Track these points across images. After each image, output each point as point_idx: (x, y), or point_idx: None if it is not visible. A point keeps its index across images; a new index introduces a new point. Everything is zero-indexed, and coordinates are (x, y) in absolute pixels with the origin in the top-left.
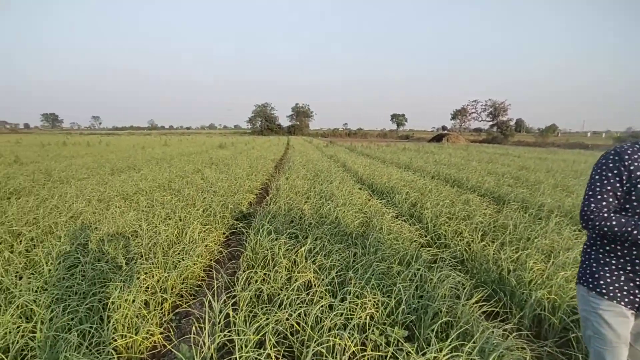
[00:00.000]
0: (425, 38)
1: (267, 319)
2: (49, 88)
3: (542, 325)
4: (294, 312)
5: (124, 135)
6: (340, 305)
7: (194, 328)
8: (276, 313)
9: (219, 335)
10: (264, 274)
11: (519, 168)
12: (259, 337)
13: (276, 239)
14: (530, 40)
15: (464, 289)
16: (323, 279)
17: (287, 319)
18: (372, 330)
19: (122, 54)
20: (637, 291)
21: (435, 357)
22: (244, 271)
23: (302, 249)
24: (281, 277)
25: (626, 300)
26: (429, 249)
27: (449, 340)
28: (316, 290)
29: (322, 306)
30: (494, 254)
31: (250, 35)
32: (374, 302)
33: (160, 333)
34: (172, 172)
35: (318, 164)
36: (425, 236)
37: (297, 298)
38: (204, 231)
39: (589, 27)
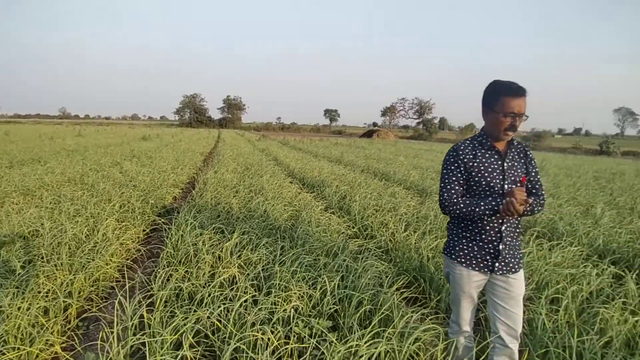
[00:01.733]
0: (361, 35)
1: (186, 318)
2: None
3: None
4: (216, 310)
5: (28, 123)
6: (265, 299)
7: (102, 334)
8: (196, 311)
9: (132, 338)
10: (186, 271)
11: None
12: (176, 337)
13: (201, 234)
14: (451, 43)
15: (387, 277)
16: (248, 274)
17: (208, 317)
18: (296, 323)
19: (27, 32)
20: (487, 257)
21: (357, 345)
22: (163, 269)
23: (228, 243)
24: (204, 273)
25: (481, 265)
26: (356, 240)
27: (370, 327)
28: (240, 286)
29: (245, 301)
30: (415, 243)
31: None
32: (300, 294)
33: (63, 342)
34: (85, 165)
35: (249, 158)
36: (353, 228)
37: (221, 295)
38: (120, 228)
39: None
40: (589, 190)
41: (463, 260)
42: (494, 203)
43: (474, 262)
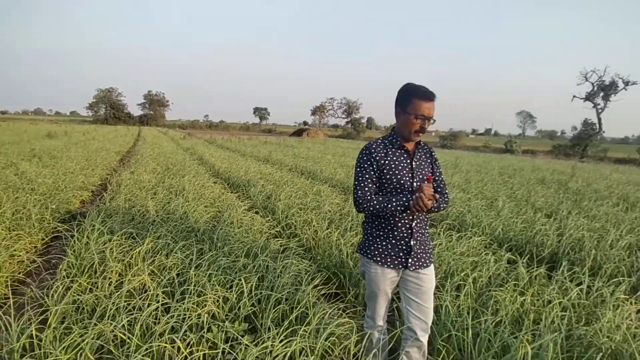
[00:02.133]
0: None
1: (85, 333)
2: None
3: None
4: (121, 322)
5: None
6: (178, 306)
7: None
8: (96, 325)
9: None
10: (89, 282)
11: None
12: (71, 354)
13: (110, 240)
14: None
15: (307, 274)
16: (161, 280)
17: (112, 331)
18: (210, 328)
19: None
20: (401, 254)
21: (272, 345)
22: (62, 281)
23: (139, 249)
24: (110, 283)
25: (395, 262)
26: (279, 239)
27: (283, 326)
28: (151, 294)
29: (156, 310)
30: (337, 240)
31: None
32: (216, 298)
33: None
34: None
35: (171, 157)
36: (277, 227)
37: (128, 305)
38: (10, 238)
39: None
40: (494, 185)
41: (378, 258)
42: (404, 199)
43: (389, 259)
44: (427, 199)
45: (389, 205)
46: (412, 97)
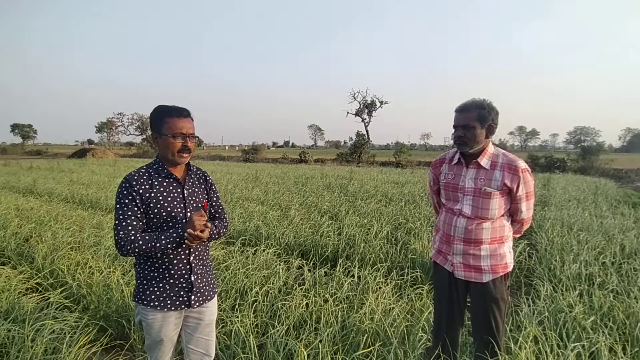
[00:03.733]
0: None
1: None
2: None
3: None
4: None
5: None
6: None
7: None
8: None
9: None
10: None
11: None
12: None
13: None
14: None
15: (73, 331)
16: None
17: None
18: None
19: None
20: (182, 292)
21: None
22: None
23: None
24: None
25: (177, 303)
26: (36, 294)
27: None
28: None
29: None
30: (117, 280)
31: None
32: None
33: None
34: None
35: None
36: (36, 277)
37: None
38: None
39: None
40: (289, 194)
41: (157, 303)
42: (175, 234)
43: (169, 302)
44: (199, 230)
45: (158, 244)
46: (164, 117)
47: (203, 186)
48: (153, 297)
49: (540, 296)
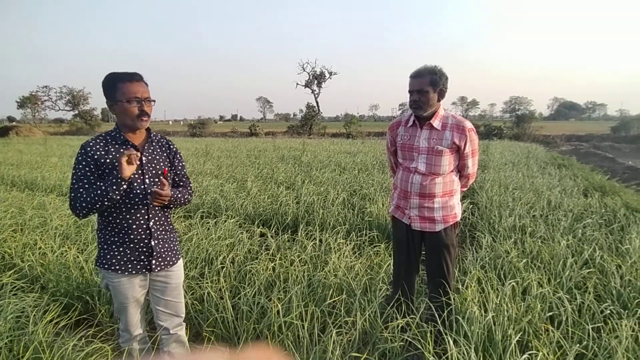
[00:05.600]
0: None
1: None
2: None
3: None
4: None
5: None
6: None
7: None
8: None
9: None
10: None
11: None
12: None
13: None
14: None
15: (36, 309)
16: None
17: None
18: None
19: None
20: (142, 257)
21: None
22: None
23: None
24: None
25: (138, 267)
26: None
27: None
28: None
29: None
30: (75, 258)
31: None
32: None
33: None
34: None
35: None
36: None
37: None
38: None
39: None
40: (244, 167)
41: (118, 267)
42: (113, 179)
43: (130, 266)
44: (163, 193)
45: (99, 192)
46: (116, 83)
47: (165, 154)
48: (114, 261)
49: (482, 246)
